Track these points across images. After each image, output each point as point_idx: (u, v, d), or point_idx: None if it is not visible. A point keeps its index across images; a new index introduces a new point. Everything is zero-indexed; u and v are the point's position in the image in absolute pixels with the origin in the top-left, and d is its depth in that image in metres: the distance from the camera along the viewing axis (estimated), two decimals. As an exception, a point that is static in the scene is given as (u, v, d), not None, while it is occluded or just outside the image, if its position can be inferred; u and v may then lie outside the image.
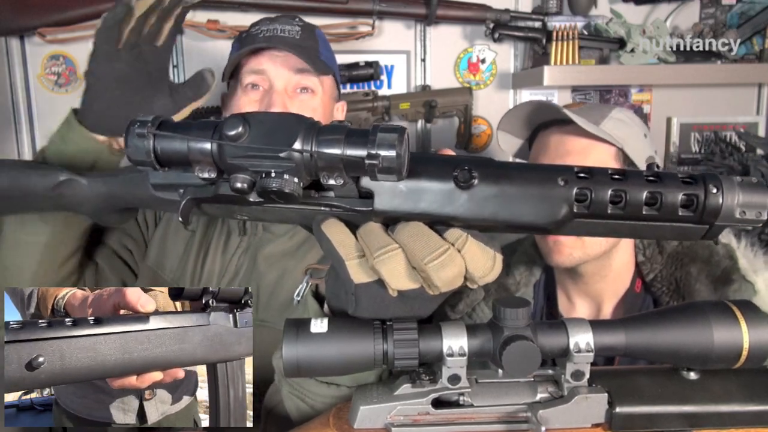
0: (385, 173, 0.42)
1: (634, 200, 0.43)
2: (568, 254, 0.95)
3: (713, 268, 0.97)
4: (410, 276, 0.45)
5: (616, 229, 0.46)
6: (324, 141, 0.42)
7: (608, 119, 0.97)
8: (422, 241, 0.45)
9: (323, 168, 0.43)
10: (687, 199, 0.44)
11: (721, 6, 1.76)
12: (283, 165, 0.42)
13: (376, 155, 0.41)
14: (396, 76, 1.74)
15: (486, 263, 0.45)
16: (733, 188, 0.43)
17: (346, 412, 0.50)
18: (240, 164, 0.43)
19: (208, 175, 0.45)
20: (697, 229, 0.45)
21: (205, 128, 0.44)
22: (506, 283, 1.09)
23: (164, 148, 0.44)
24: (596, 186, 0.44)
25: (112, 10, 0.71)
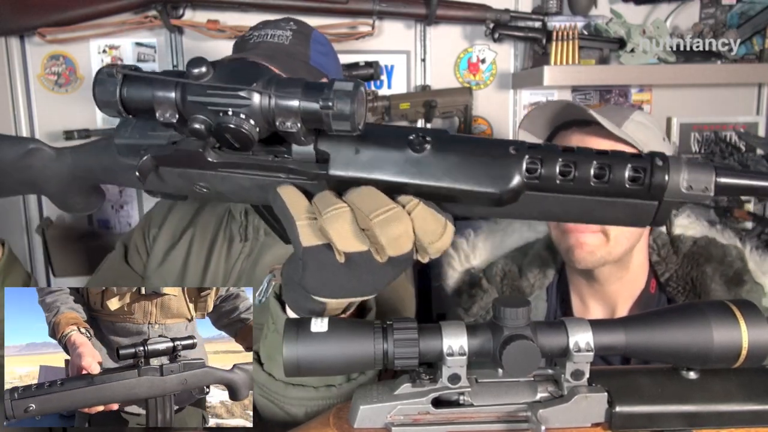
0: (338, 120, 0.43)
1: (584, 172, 0.44)
2: (589, 251, 0.94)
3: (726, 269, 0.98)
4: (357, 236, 0.46)
5: (567, 206, 0.46)
6: (283, 84, 0.44)
7: (629, 121, 0.97)
8: (370, 199, 0.46)
9: (280, 112, 0.44)
10: (634, 172, 0.44)
11: (721, 6, 1.76)
12: (241, 104, 0.44)
13: (330, 99, 0.42)
14: (396, 76, 1.74)
15: (436, 228, 0.46)
16: (679, 164, 0.44)
17: (346, 411, 0.50)
18: (200, 102, 0.44)
19: (169, 118, 0.46)
20: (648, 207, 0.45)
21: (170, 74, 0.46)
22: (520, 285, 1.09)
23: (130, 90, 0.46)
24: (546, 155, 0.45)
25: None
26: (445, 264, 1.18)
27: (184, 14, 1.59)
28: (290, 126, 0.44)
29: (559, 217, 0.47)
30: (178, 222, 1.05)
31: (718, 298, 0.95)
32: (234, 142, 0.45)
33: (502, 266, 1.11)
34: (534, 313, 1.07)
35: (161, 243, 1.04)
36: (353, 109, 0.43)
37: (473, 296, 1.10)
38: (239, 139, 0.44)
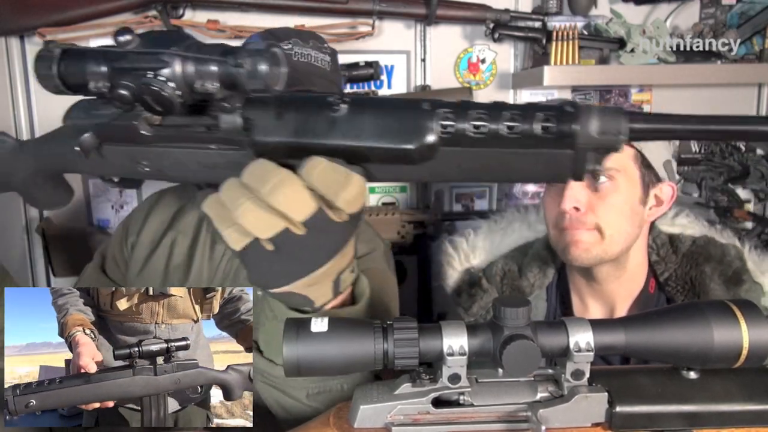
0: (252, 79, 0.44)
1: (496, 123, 0.44)
2: (585, 249, 0.95)
3: (725, 268, 0.98)
4: (269, 219, 0.46)
5: (484, 161, 0.46)
6: (201, 47, 0.47)
7: None
8: (259, 173, 0.46)
9: (198, 73, 0.46)
10: (545, 120, 0.44)
11: (721, 6, 1.76)
12: (161, 67, 0.46)
13: (243, 58, 0.44)
14: (396, 76, 1.74)
15: (337, 178, 0.46)
16: (590, 110, 0.44)
17: (346, 411, 0.50)
18: (124, 67, 0.47)
19: (101, 88, 0.48)
20: (563, 157, 0.45)
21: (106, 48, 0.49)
22: (520, 285, 1.09)
23: (67, 64, 0.49)
24: (459, 109, 0.45)
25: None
26: (445, 263, 1.19)
27: (184, 14, 1.59)
28: (210, 88, 0.46)
29: (479, 175, 0.47)
30: (157, 227, 1.04)
31: (717, 297, 0.95)
32: (155, 105, 0.46)
33: (502, 266, 1.11)
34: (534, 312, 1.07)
35: (141, 250, 1.02)
36: (265, 67, 0.44)
37: (473, 296, 1.10)
38: (160, 101, 0.46)
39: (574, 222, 0.95)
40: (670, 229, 1.05)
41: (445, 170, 0.47)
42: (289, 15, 1.60)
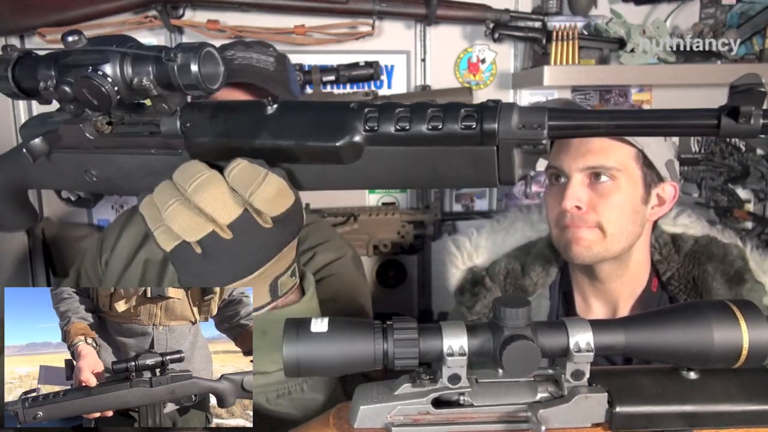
0: (183, 75, 0.45)
1: (419, 120, 0.45)
2: (586, 247, 0.95)
3: (728, 268, 0.98)
4: (197, 223, 0.47)
5: (411, 161, 0.46)
6: (141, 46, 0.48)
7: None
8: (186, 173, 0.47)
9: (135, 69, 0.47)
10: (466, 118, 0.44)
11: (721, 6, 1.76)
12: (101, 61, 0.47)
13: (176, 53, 0.45)
14: (396, 76, 1.74)
15: (253, 177, 0.46)
16: (510, 106, 0.44)
17: (346, 411, 0.51)
18: (68, 63, 0.48)
19: (49, 87, 0.49)
20: (488, 155, 0.45)
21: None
22: (523, 283, 1.10)
23: (21, 68, 0.50)
24: (384, 108, 0.46)
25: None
26: (448, 262, 1.19)
27: (184, 14, 1.60)
28: (146, 84, 0.47)
29: (408, 178, 0.48)
30: (131, 243, 1.04)
31: (719, 296, 0.95)
32: (93, 100, 0.47)
33: (505, 264, 1.12)
34: (537, 311, 1.08)
35: (114, 266, 1.03)
36: (197, 63, 0.45)
37: (476, 294, 1.11)
38: (97, 96, 0.47)
39: (575, 220, 0.95)
40: (672, 228, 1.05)
41: (374, 172, 0.47)
42: (289, 15, 1.60)
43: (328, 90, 1.66)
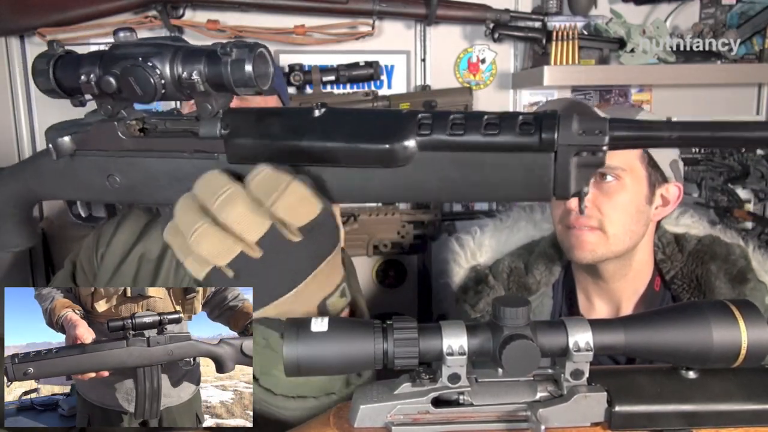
0: (236, 70, 0.45)
1: (474, 123, 0.43)
2: (590, 250, 0.96)
3: (730, 267, 0.99)
4: (223, 243, 0.45)
5: (463, 171, 0.44)
6: (190, 46, 0.48)
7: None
8: (208, 187, 0.46)
9: (185, 61, 0.46)
10: (524, 122, 0.43)
11: (721, 6, 1.76)
12: (152, 53, 0.46)
13: (231, 48, 0.45)
14: (396, 76, 1.74)
15: (276, 184, 0.45)
16: (570, 115, 0.43)
17: (346, 411, 0.51)
18: (117, 54, 0.47)
19: (92, 79, 0.48)
20: (545, 163, 0.43)
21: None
22: (527, 282, 1.10)
23: (64, 62, 0.50)
24: (439, 114, 0.45)
25: None
26: (452, 261, 1.20)
27: (184, 14, 1.60)
28: (195, 79, 0.46)
29: (459, 188, 0.45)
30: (126, 238, 1.04)
31: (722, 295, 0.96)
32: (137, 88, 0.46)
33: (509, 263, 1.13)
34: (540, 309, 1.08)
35: (110, 261, 1.03)
36: (251, 60, 0.45)
37: (479, 292, 1.11)
38: (143, 84, 0.46)
39: (579, 219, 0.96)
40: (675, 228, 1.06)
41: (422, 180, 0.45)
42: (289, 15, 1.60)
43: (328, 90, 1.66)
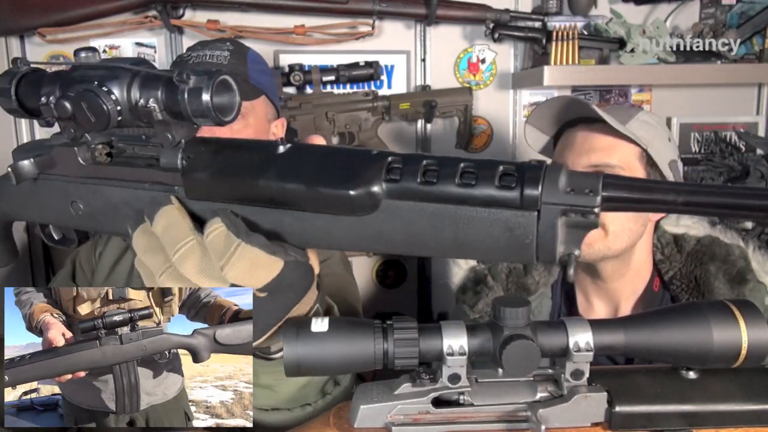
0: (193, 98, 0.41)
1: (449, 172, 0.39)
2: (587, 245, 0.96)
3: (730, 268, 0.99)
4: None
5: (433, 224, 0.40)
6: (154, 68, 0.45)
7: (635, 120, 0.99)
8: (168, 236, 0.44)
9: (143, 87, 0.43)
10: (505, 172, 0.38)
11: (721, 6, 1.76)
12: (108, 76, 0.44)
13: (188, 75, 0.41)
14: (396, 76, 1.74)
15: (223, 248, 0.42)
16: (558, 168, 0.38)
17: (346, 411, 0.51)
18: (74, 76, 0.45)
19: (51, 101, 0.46)
20: (527, 222, 0.38)
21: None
22: (525, 282, 1.10)
23: (25, 83, 0.48)
24: (411, 157, 0.41)
25: None
26: (450, 261, 1.20)
27: (184, 14, 1.60)
28: (151, 106, 0.43)
29: (428, 243, 0.41)
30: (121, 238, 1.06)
31: (721, 296, 0.96)
32: (90, 116, 0.44)
33: (507, 263, 1.12)
34: (539, 310, 1.08)
35: (107, 258, 1.05)
36: (209, 89, 0.41)
37: (478, 293, 1.11)
38: (95, 111, 0.43)
39: None
40: (675, 228, 1.06)
41: (388, 231, 0.41)
42: (289, 15, 1.60)
43: (328, 90, 1.66)
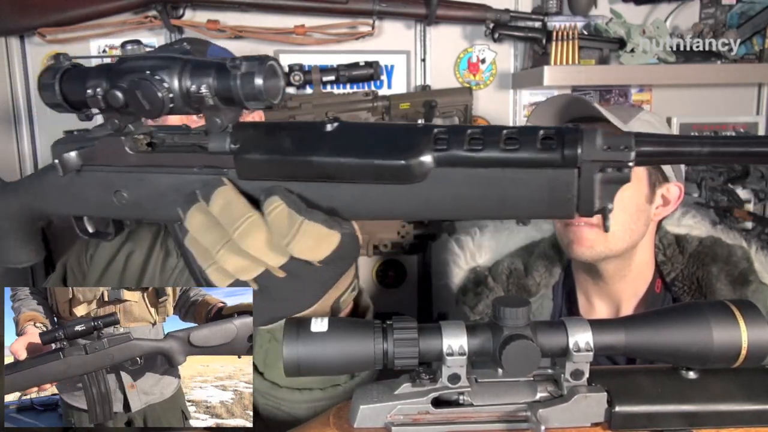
0: (246, 82, 0.43)
1: (493, 138, 0.42)
2: (588, 246, 0.96)
3: (732, 269, 0.98)
4: (247, 264, 0.46)
5: (479, 186, 0.43)
6: (199, 59, 0.46)
7: (636, 119, 0.99)
8: (227, 213, 0.46)
9: (194, 74, 0.45)
10: (545, 137, 0.41)
11: (721, 6, 1.76)
12: (161, 66, 0.45)
13: (240, 62, 0.43)
14: (396, 76, 1.74)
15: (288, 226, 0.44)
16: (593, 130, 0.41)
17: (346, 411, 0.51)
18: (125, 67, 0.46)
19: (98, 93, 0.47)
20: (568, 179, 0.41)
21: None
22: (526, 284, 1.10)
23: (69, 77, 0.49)
24: (455, 128, 0.44)
25: None
26: (451, 262, 1.19)
27: (184, 14, 1.59)
28: (203, 92, 0.44)
29: (475, 205, 0.44)
30: (115, 239, 1.05)
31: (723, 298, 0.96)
32: (144, 103, 0.45)
33: (508, 264, 1.12)
34: (540, 311, 1.08)
35: (98, 261, 1.04)
36: (261, 73, 0.43)
37: (479, 294, 1.11)
38: (150, 98, 0.45)
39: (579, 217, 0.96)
40: (677, 229, 1.05)
41: (440, 197, 0.44)
42: (289, 15, 1.60)
43: (328, 90, 1.66)
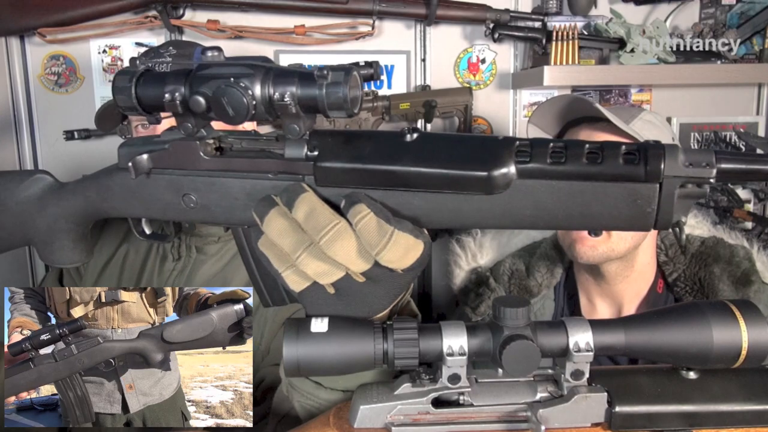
0: (331, 90, 0.43)
1: (575, 153, 0.42)
2: (590, 246, 0.95)
3: (734, 269, 0.98)
4: (329, 268, 0.46)
5: (560, 197, 0.43)
6: (281, 67, 0.46)
7: (638, 119, 0.99)
8: (315, 218, 0.46)
9: (278, 83, 0.45)
10: (628, 153, 0.42)
11: (721, 6, 1.76)
12: (244, 73, 0.45)
13: (326, 71, 0.44)
14: (396, 76, 1.74)
15: (378, 239, 0.44)
16: (675, 147, 0.42)
17: (346, 411, 0.51)
18: (206, 74, 0.46)
19: (176, 98, 0.47)
20: (648, 193, 0.42)
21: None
22: (528, 284, 1.09)
23: (145, 80, 0.48)
24: (537, 141, 0.44)
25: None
26: (452, 263, 1.19)
27: (184, 14, 1.59)
28: (287, 100, 0.44)
29: (555, 216, 0.44)
30: (111, 239, 1.05)
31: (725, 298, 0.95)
32: (229, 108, 0.45)
33: (510, 265, 1.12)
34: (542, 312, 1.08)
35: (96, 262, 1.04)
36: (347, 83, 0.44)
37: (480, 295, 1.11)
38: (235, 104, 0.45)
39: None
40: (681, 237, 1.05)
41: (519, 208, 0.44)
42: (289, 15, 1.60)
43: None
